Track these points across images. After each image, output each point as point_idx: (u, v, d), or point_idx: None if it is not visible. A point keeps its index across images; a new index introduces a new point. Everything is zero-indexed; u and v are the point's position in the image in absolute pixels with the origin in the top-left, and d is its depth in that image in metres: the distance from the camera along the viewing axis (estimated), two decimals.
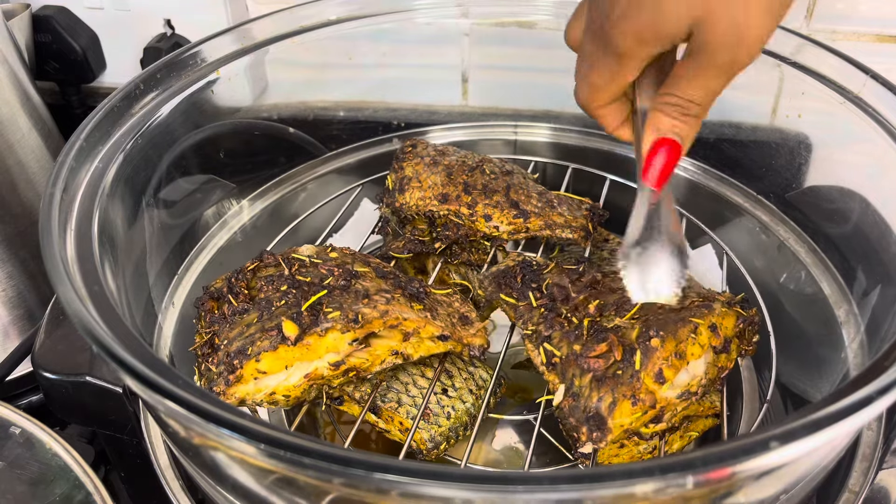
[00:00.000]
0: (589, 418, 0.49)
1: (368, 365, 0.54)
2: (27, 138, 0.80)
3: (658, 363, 0.49)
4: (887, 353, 0.41)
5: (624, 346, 0.51)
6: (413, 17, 0.82)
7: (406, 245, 0.68)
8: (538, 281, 0.60)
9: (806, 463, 0.45)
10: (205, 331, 0.55)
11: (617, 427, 0.48)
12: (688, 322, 0.51)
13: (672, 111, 0.46)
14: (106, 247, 0.51)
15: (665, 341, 0.50)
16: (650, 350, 0.50)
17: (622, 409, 0.48)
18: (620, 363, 0.50)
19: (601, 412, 0.48)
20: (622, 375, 0.49)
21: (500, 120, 0.92)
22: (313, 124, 0.90)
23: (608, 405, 0.48)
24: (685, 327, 0.51)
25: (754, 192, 0.77)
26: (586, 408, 0.49)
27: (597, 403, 0.49)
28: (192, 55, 0.68)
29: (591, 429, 0.48)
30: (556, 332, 0.55)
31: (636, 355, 0.49)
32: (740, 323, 0.54)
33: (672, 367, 0.49)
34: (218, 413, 0.36)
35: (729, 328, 0.53)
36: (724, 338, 0.53)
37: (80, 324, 0.41)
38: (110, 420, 0.60)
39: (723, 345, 0.53)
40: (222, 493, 0.49)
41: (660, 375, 0.49)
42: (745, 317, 0.54)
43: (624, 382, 0.49)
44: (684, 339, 0.50)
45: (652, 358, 0.49)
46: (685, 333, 0.51)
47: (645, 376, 0.49)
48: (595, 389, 0.49)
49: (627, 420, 0.48)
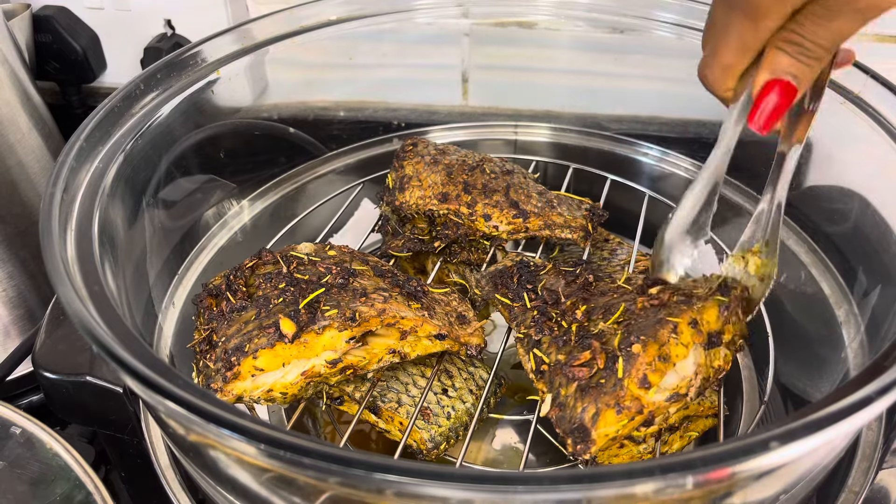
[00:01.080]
0: (573, 430, 0.48)
1: (366, 363, 0.54)
2: (27, 138, 0.81)
3: (642, 369, 0.48)
4: (887, 353, 0.41)
5: (607, 354, 0.50)
6: (413, 17, 0.82)
7: (405, 244, 0.68)
8: (534, 282, 0.60)
9: (806, 463, 0.45)
10: (203, 328, 0.55)
11: (601, 437, 0.47)
12: (666, 323, 0.50)
13: (793, 50, 0.42)
14: (106, 247, 0.51)
15: (647, 346, 0.49)
16: (632, 357, 0.49)
17: (606, 418, 0.47)
18: (603, 371, 0.49)
19: (585, 423, 0.48)
20: (605, 384, 0.48)
21: (501, 120, 0.92)
22: (313, 124, 0.90)
23: (591, 416, 0.48)
24: (664, 328, 0.50)
25: (754, 192, 0.77)
26: (571, 418, 0.48)
27: (581, 414, 0.48)
28: (192, 55, 0.68)
29: (576, 441, 0.47)
30: (546, 337, 0.54)
31: (618, 363, 0.49)
32: (724, 311, 0.52)
33: (657, 371, 0.48)
34: (218, 413, 0.36)
35: (711, 321, 0.52)
36: (707, 333, 0.51)
37: (80, 324, 0.41)
38: (111, 420, 0.60)
39: (708, 340, 0.51)
40: (222, 493, 0.49)
41: (644, 381, 0.48)
42: (727, 303, 0.53)
43: (607, 392, 0.48)
44: (666, 342, 0.49)
45: (635, 364, 0.48)
46: (666, 335, 0.50)
47: (629, 383, 0.48)
48: (579, 399, 0.49)
49: (612, 429, 0.47)
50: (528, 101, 0.94)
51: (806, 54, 0.43)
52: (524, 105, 0.94)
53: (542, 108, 0.94)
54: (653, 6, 0.78)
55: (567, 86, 0.94)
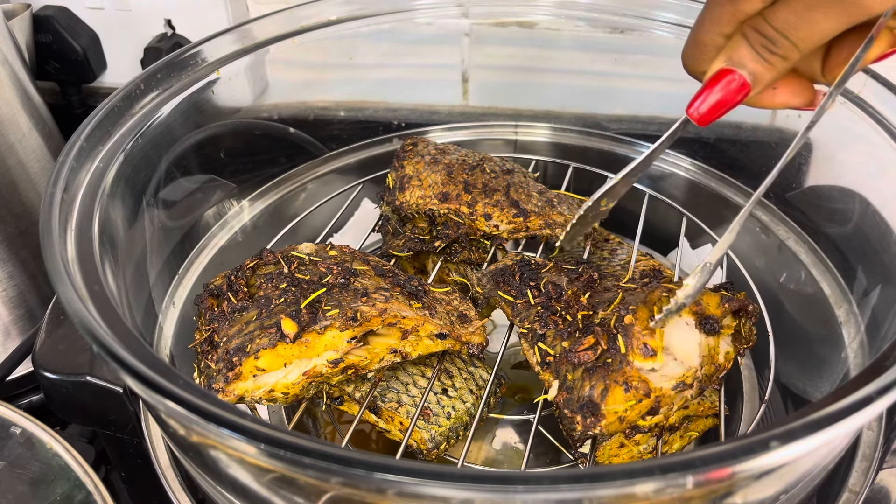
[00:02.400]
0: (583, 406, 0.49)
1: (367, 363, 0.54)
2: (28, 138, 0.81)
3: (639, 337, 0.50)
4: (887, 352, 0.41)
5: (609, 335, 0.51)
6: (413, 17, 0.82)
7: (406, 243, 0.68)
8: (536, 279, 0.60)
9: (806, 463, 0.45)
10: (204, 328, 0.55)
11: (611, 413, 0.48)
12: (657, 288, 0.52)
13: (758, 41, 0.37)
14: (106, 247, 0.52)
15: (637, 312, 0.51)
16: (627, 329, 0.50)
17: (615, 395, 0.48)
18: (608, 351, 0.50)
19: (594, 399, 0.49)
20: (612, 363, 0.50)
21: (501, 120, 0.92)
22: (314, 124, 0.90)
23: (601, 391, 0.49)
24: (655, 291, 0.52)
25: (753, 192, 0.77)
26: (580, 397, 0.49)
27: (589, 391, 0.49)
28: (192, 55, 0.68)
29: (586, 415, 0.48)
30: (551, 331, 0.55)
31: (619, 340, 0.50)
32: (725, 303, 0.53)
33: (653, 334, 0.50)
34: (218, 413, 0.36)
35: (712, 305, 0.53)
36: (704, 314, 0.52)
37: (80, 324, 0.41)
38: (111, 420, 0.60)
39: (707, 320, 0.52)
40: (222, 493, 0.49)
41: (646, 349, 0.49)
42: (730, 297, 0.54)
43: (615, 369, 0.49)
44: (657, 300, 0.51)
45: (632, 334, 0.50)
46: (657, 295, 0.51)
47: (632, 356, 0.49)
48: (587, 379, 0.50)
49: (621, 406, 0.48)
50: (528, 101, 0.94)
51: (770, 49, 0.38)
52: (524, 105, 0.94)
53: (542, 108, 0.94)
54: (653, 6, 0.78)
55: (567, 86, 0.94)
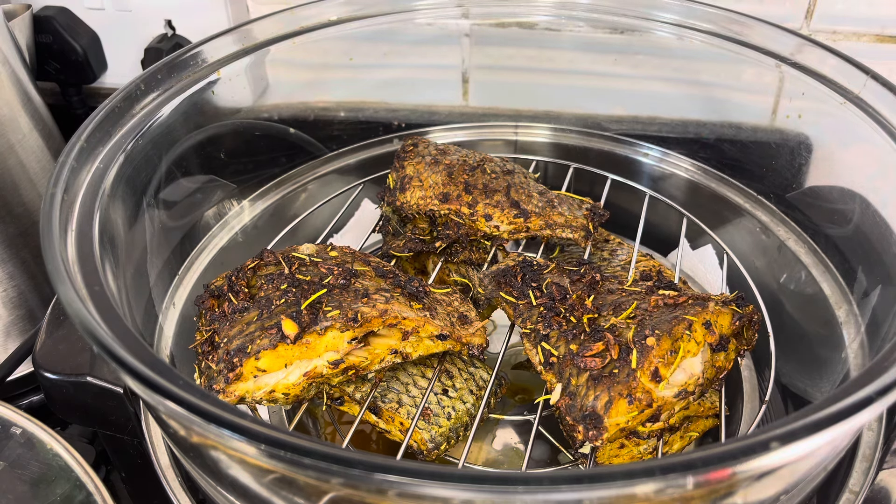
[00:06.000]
0: (585, 416, 0.49)
1: (367, 364, 0.54)
2: (28, 139, 0.81)
3: (654, 361, 0.49)
4: (888, 353, 0.41)
5: (620, 345, 0.51)
6: (413, 17, 0.82)
7: (407, 244, 0.68)
8: (538, 280, 0.60)
9: (806, 463, 0.45)
10: (205, 328, 0.55)
11: (613, 426, 0.48)
12: (682, 320, 0.52)
13: None
14: (107, 247, 0.52)
15: (661, 339, 0.50)
16: (646, 349, 0.50)
17: (618, 407, 0.48)
18: (616, 362, 0.50)
19: (597, 411, 0.49)
20: (619, 374, 0.49)
21: (501, 120, 0.92)
22: (314, 125, 0.90)
23: (604, 403, 0.48)
24: (680, 325, 0.51)
25: (754, 193, 0.77)
26: (583, 406, 0.49)
27: (593, 402, 0.49)
28: (192, 56, 0.68)
29: (588, 427, 0.48)
30: (554, 332, 0.55)
31: (632, 354, 0.50)
32: (736, 321, 0.54)
33: (668, 364, 0.50)
34: (218, 413, 0.36)
35: (725, 325, 0.53)
36: (719, 335, 0.53)
37: (80, 324, 0.41)
38: (111, 420, 0.60)
39: (719, 342, 0.53)
40: (222, 493, 0.49)
41: (656, 374, 0.49)
42: (742, 314, 0.54)
43: (620, 381, 0.49)
44: (679, 337, 0.51)
45: (648, 356, 0.49)
46: (680, 330, 0.51)
47: (641, 375, 0.49)
48: (591, 388, 0.50)
49: (624, 419, 0.48)
50: (528, 102, 0.94)
51: None
52: (524, 105, 0.94)
53: (542, 109, 0.94)
54: (653, 6, 0.78)
55: (567, 86, 0.94)
